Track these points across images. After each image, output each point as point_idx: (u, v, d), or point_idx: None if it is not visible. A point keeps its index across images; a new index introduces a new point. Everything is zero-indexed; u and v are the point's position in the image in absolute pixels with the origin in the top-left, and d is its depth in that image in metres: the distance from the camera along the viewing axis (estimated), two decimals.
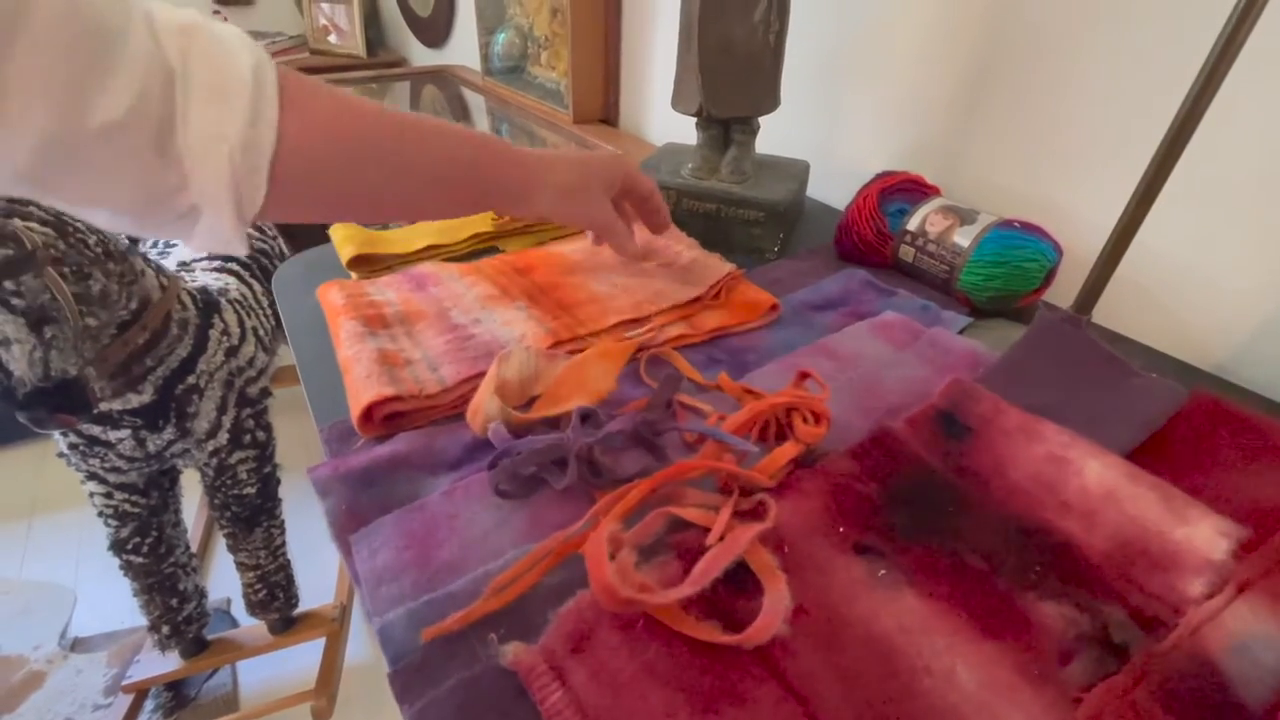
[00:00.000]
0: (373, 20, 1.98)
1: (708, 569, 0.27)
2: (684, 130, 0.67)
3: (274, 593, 0.95)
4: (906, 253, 0.57)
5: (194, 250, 0.31)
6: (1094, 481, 0.33)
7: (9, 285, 0.59)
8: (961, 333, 0.51)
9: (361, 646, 1.06)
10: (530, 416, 0.37)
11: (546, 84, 1.16)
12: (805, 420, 0.36)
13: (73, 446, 0.80)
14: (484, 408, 0.37)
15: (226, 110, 0.29)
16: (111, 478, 0.84)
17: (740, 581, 0.28)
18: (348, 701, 0.97)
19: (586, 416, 0.36)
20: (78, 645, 1.02)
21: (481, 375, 0.40)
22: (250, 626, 0.99)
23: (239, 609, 1.09)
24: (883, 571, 0.29)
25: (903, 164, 0.67)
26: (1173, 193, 0.47)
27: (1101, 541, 0.30)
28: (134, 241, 0.78)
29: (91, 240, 0.68)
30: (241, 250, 0.33)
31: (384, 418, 0.38)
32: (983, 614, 0.27)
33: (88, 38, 0.25)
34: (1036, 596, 0.28)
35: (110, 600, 1.11)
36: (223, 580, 1.13)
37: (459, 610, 0.28)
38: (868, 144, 0.72)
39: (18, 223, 0.61)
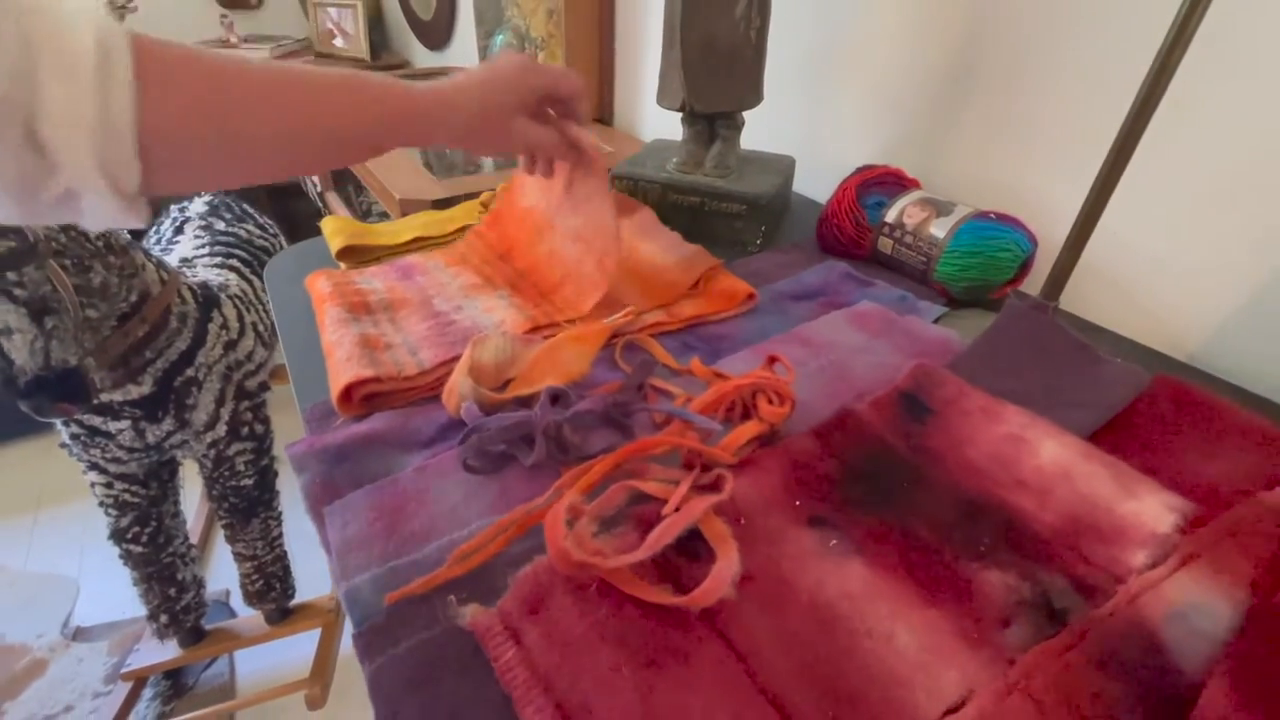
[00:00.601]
0: (376, 24, 2.01)
1: (661, 536, 0.27)
2: (676, 128, 0.68)
3: (270, 583, 0.96)
4: (885, 244, 0.57)
5: (94, 229, 0.29)
6: (1049, 460, 0.33)
7: (11, 276, 0.61)
8: (937, 322, 0.51)
9: None
10: (503, 396, 0.38)
11: None
12: (770, 401, 0.37)
13: (74, 437, 0.81)
14: (457, 388, 0.38)
15: (76, 90, 0.27)
16: (112, 468, 0.85)
17: (694, 550, 0.29)
18: (343, 691, 0.98)
19: (556, 396, 0.37)
20: (79, 634, 1.04)
21: (459, 359, 0.41)
22: (247, 617, 1.00)
23: (238, 600, 1.11)
24: (834, 542, 0.30)
25: (886, 158, 0.67)
26: (1146, 187, 0.48)
27: (1052, 516, 0.31)
28: (136, 236, 0.80)
29: (93, 234, 0.70)
30: (140, 224, 0.31)
31: (362, 398, 0.39)
32: (927, 582, 0.28)
33: None
34: (981, 566, 0.28)
35: (113, 591, 1.13)
36: (222, 572, 1.15)
37: (423, 576, 0.29)
38: (852, 139, 0.73)
39: None
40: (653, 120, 1.02)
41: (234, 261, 1.03)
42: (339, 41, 1.97)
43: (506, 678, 0.24)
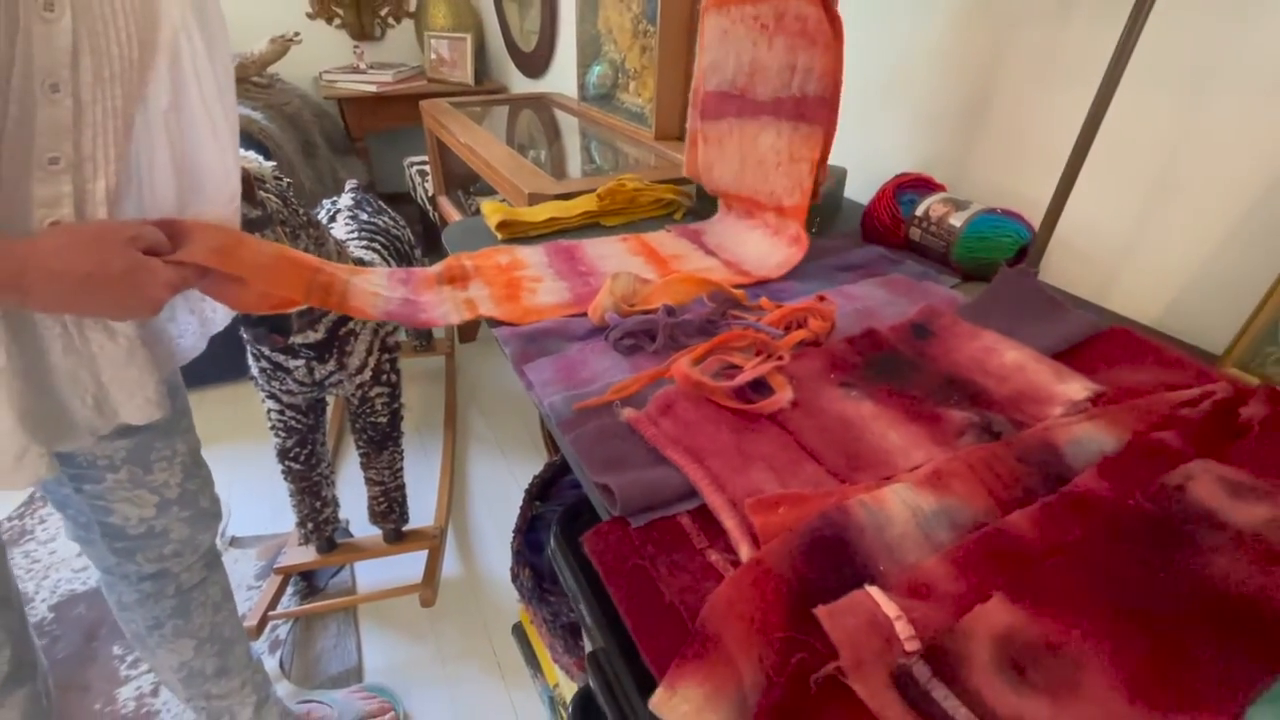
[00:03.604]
0: (479, 53, 2.29)
1: (744, 376, 0.44)
2: None
3: (392, 506, 1.17)
4: (915, 233, 0.73)
5: None
6: (1010, 360, 0.49)
7: (256, 236, 0.84)
8: (950, 289, 0.67)
9: (455, 564, 1.26)
10: (633, 310, 0.56)
11: (632, 108, 1.38)
12: (816, 319, 0.54)
13: (262, 370, 1.04)
14: (601, 304, 0.56)
15: None
16: (284, 398, 1.08)
17: (763, 390, 0.46)
18: (443, 607, 1.17)
19: (671, 311, 0.55)
20: (235, 542, 1.27)
21: (591, 296, 0.59)
22: (368, 536, 1.21)
23: (356, 527, 1.32)
24: (854, 393, 0.46)
25: (920, 168, 0.83)
26: (1113, 184, 0.62)
27: (1006, 391, 0.46)
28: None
29: (300, 210, 0.93)
30: None
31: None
32: (911, 413, 0.44)
33: None
34: (948, 409, 0.44)
35: (255, 516, 1.36)
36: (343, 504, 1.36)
37: (595, 397, 0.46)
38: (893, 153, 0.89)
39: (261, 192, 0.86)
40: None
41: (376, 245, 1.26)
42: (446, 70, 2.25)
43: (653, 439, 0.41)
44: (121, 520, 0.60)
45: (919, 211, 0.73)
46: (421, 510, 1.31)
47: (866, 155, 0.93)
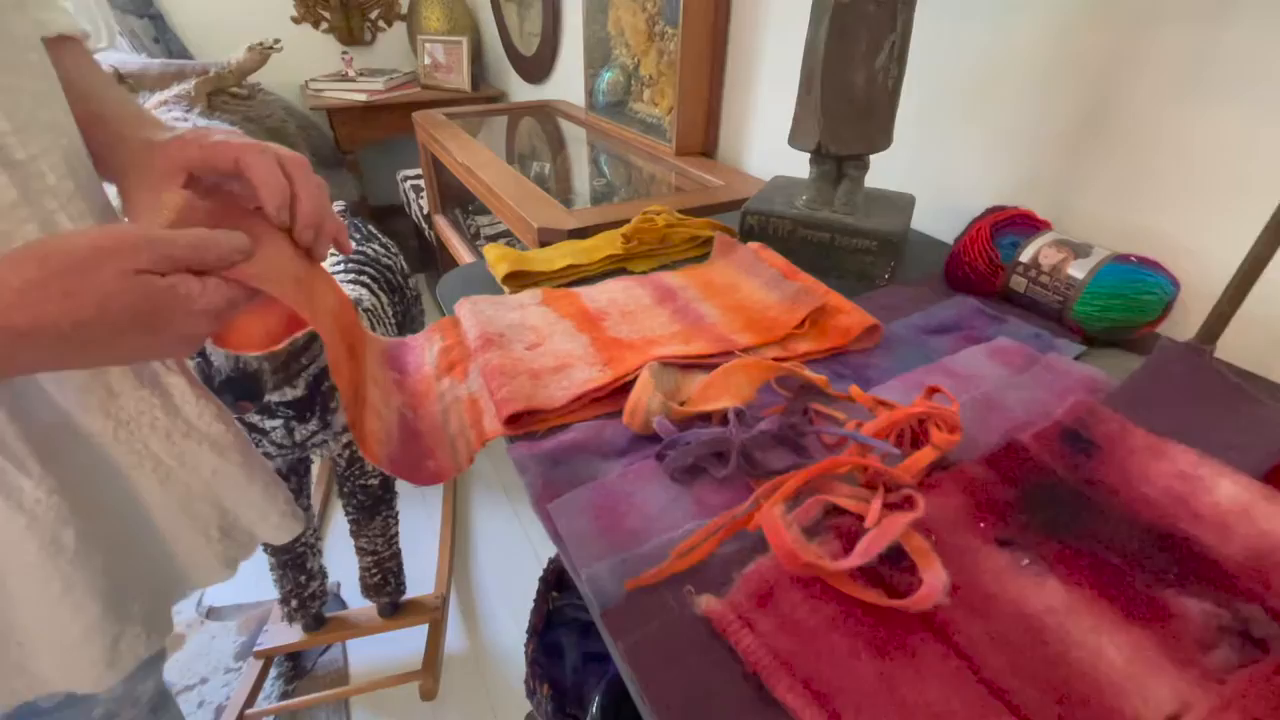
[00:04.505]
0: (476, 57, 2.15)
1: (870, 546, 0.31)
2: (780, 162, 0.72)
3: (387, 578, 1.03)
4: (1018, 283, 0.59)
5: None
6: (1227, 498, 0.35)
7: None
8: (1077, 359, 0.53)
9: (458, 637, 1.13)
10: (688, 411, 0.42)
11: (648, 119, 1.25)
12: (939, 429, 0.40)
13: None
14: (645, 405, 0.42)
15: None
16: None
17: (897, 561, 0.32)
18: (446, 690, 1.04)
19: (741, 415, 0.41)
20: (212, 614, 1.14)
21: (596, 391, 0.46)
22: (361, 609, 1.08)
23: (346, 594, 1.19)
24: (1026, 561, 0.32)
25: (1008, 199, 0.69)
26: None
27: (1236, 551, 0.33)
28: None
29: None
30: None
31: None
32: (1125, 603, 0.30)
33: None
34: (1176, 593, 0.30)
35: (238, 579, 1.22)
36: (331, 568, 1.23)
37: (650, 568, 0.33)
38: (973, 180, 0.75)
39: None
40: (758, 154, 1.07)
41: (364, 279, 1.12)
42: (442, 75, 2.11)
43: (751, 659, 0.28)
44: None
45: (1024, 257, 0.59)
46: (420, 572, 1.18)
47: (938, 180, 0.79)
